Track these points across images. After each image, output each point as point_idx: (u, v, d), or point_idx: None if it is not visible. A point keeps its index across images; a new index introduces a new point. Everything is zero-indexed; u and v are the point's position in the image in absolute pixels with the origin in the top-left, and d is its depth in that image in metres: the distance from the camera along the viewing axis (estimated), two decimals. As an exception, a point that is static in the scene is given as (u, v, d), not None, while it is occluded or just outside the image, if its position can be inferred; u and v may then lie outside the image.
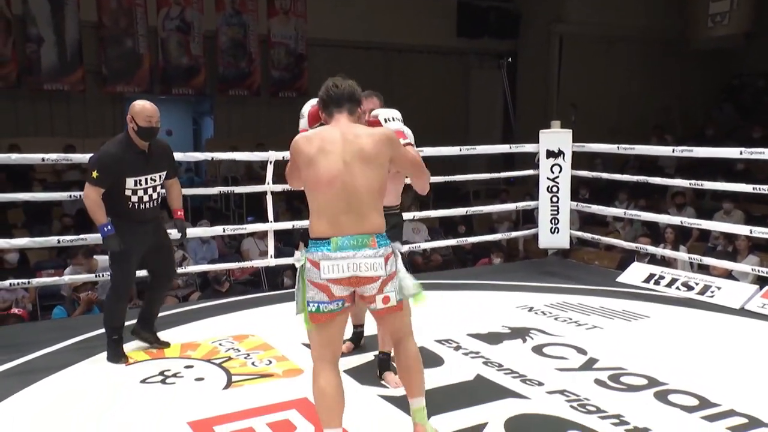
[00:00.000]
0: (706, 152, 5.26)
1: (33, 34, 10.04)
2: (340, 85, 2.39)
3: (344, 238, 2.24)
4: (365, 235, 2.25)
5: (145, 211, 3.38)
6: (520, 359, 3.44)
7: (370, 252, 2.24)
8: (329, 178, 2.25)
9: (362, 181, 2.26)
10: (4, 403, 2.96)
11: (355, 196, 2.26)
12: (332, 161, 2.26)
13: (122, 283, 3.45)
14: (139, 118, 3.29)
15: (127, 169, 3.29)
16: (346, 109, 2.38)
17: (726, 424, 2.73)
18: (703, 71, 13.55)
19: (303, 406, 2.86)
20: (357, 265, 2.23)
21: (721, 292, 4.61)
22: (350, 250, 2.23)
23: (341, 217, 2.25)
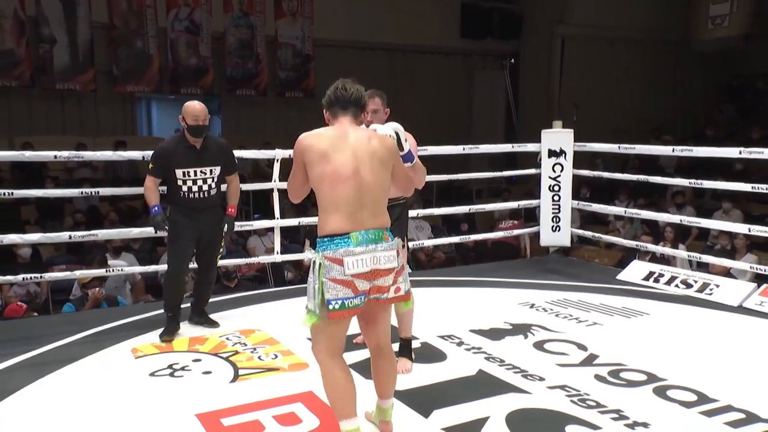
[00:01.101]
0: (706, 152, 5.24)
1: (46, 34, 10.07)
2: (349, 88, 2.43)
3: (363, 233, 2.26)
4: (380, 230, 2.31)
5: (196, 200, 3.65)
6: (521, 355, 3.43)
7: (386, 245, 2.30)
8: (348, 173, 2.27)
9: (376, 179, 2.32)
10: (18, 394, 2.98)
11: (371, 193, 2.31)
12: (348, 157, 2.29)
13: (172, 263, 3.72)
14: (188, 117, 3.58)
15: (175, 162, 3.58)
16: (350, 113, 2.42)
17: (724, 419, 2.73)
18: (703, 72, 13.50)
19: (308, 399, 2.87)
20: (377, 259, 2.27)
21: (720, 289, 4.60)
22: (370, 244, 2.26)
23: (359, 212, 2.28)
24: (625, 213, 6.25)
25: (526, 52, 13.40)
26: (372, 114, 3.04)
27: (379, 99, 3.08)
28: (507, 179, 10.58)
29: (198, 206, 3.67)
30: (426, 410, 2.76)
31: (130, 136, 10.58)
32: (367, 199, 2.29)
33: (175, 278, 3.74)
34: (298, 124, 11.21)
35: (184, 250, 3.71)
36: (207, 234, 3.74)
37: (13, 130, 9.88)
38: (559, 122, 5.74)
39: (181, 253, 3.70)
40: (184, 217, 3.65)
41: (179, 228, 3.66)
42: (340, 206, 2.27)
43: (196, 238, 3.71)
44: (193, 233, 3.68)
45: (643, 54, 13.20)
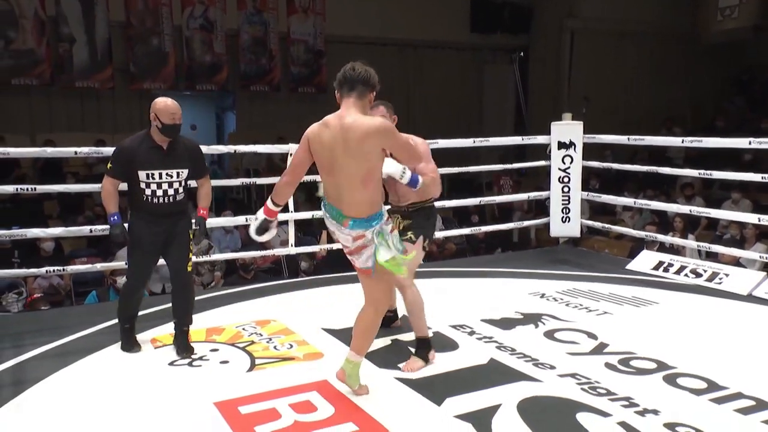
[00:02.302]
0: (715, 143, 5.18)
1: (65, 34, 10.13)
2: (357, 68, 2.60)
3: (332, 207, 2.65)
4: (343, 215, 2.62)
5: (160, 205, 3.27)
6: (532, 344, 3.42)
7: (341, 228, 2.65)
8: (327, 167, 2.62)
9: (345, 173, 2.56)
10: (44, 383, 3.02)
11: (342, 186, 2.59)
12: (327, 151, 2.59)
13: (133, 273, 3.38)
14: (163, 116, 3.20)
15: (138, 162, 3.22)
16: (356, 92, 2.58)
17: (733, 406, 2.70)
18: (712, 64, 13.31)
19: (323, 388, 2.88)
20: (333, 231, 2.72)
21: (729, 279, 4.55)
22: (331, 218, 2.67)
23: (333, 193, 2.65)
24: (634, 204, 6.20)
25: (536, 46, 13.29)
26: None
27: (384, 107, 3.08)
28: (517, 171, 10.52)
29: (162, 212, 3.27)
30: (439, 398, 2.77)
31: (147, 133, 10.62)
32: (344, 194, 2.60)
33: (134, 291, 3.40)
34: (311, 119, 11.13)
35: (145, 263, 3.36)
36: (174, 243, 3.33)
37: (35, 128, 9.97)
38: (569, 115, 5.69)
39: (141, 265, 3.35)
40: (147, 224, 3.27)
41: (140, 238, 3.28)
42: (326, 187, 2.69)
43: (159, 249, 3.33)
44: (155, 243, 3.30)
45: (652, 47, 13.04)
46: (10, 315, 4.84)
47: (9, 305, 5.34)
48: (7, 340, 3.63)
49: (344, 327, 3.65)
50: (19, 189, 4.50)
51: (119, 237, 3.29)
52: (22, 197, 7.94)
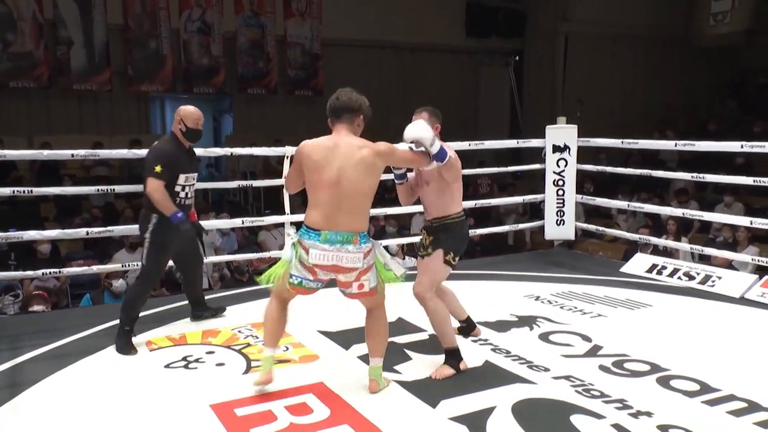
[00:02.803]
0: (708, 146, 5.19)
1: (63, 36, 10.11)
2: (341, 97, 2.68)
3: (333, 233, 2.58)
4: (351, 233, 2.59)
5: (186, 207, 3.49)
6: (527, 346, 3.42)
7: (352, 248, 2.60)
8: (331, 182, 2.59)
9: (357, 186, 2.59)
10: (39, 385, 3.01)
11: (348, 199, 2.59)
12: (334, 168, 2.59)
13: (154, 272, 3.50)
14: (188, 121, 3.45)
15: (180, 166, 3.41)
16: (345, 119, 2.68)
17: (726, 408, 2.71)
18: (705, 68, 13.37)
19: (319, 390, 2.87)
20: (340, 258, 2.60)
21: (722, 281, 4.56)
22: (336, 244, 2.58)
23: (335, 214, 2.59)
24: (628, 206, 6.21)
25: (531, 50, 13.32)
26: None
27: (427, 114, 3.03)
28: (512, 174, 10.54)
29: (187, 213, 3.47)
30: (433, 401, 2.76)
31: (145, 135, 10.61)
32: (345, 205, 2.59)
33: (148, 292, 3.50)
34: (308, 122, 11.29)
35: (165, 262, 3.52)
36: (189, 240, 3.54)
37: (32, 130, 9.94)
38: (563, 118, 5.70)
39: (163, 265, 3.51)
40: (174, 227, 3.37)
41: (171, 238, 3.38)
42: (320, 207, 2.61)
43: (177, 249, 3.51)
44: (179, 243, 3.46)
45: (646, 50, 13.09)
46: (6, 317, 4.82)
47: (5, 307, 5.32)
48: (4, 342, 3.61)
49: (340, 329, 3.65)
50: (16, 191, 4.48)
51: (191, 231, 3.48)
52: (19, 199, 7.91)
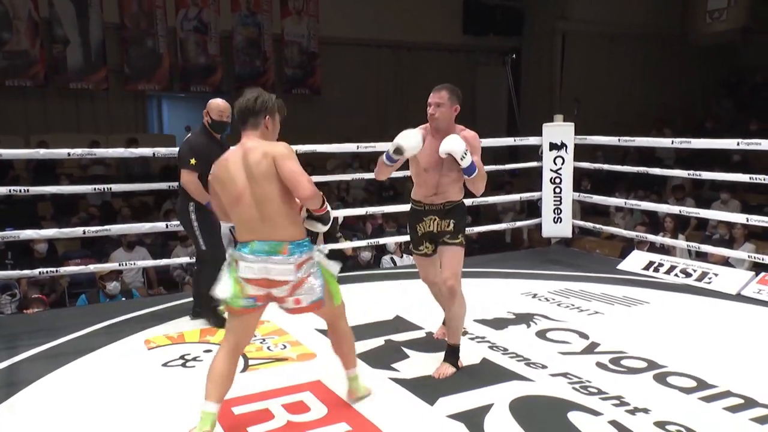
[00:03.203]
0: (705, 143, 5.20)
1: (59, 35, 10.07)
2: (240, 102, 2.42)
3: (259, 243, 2.34)
4: (278, 242, 2.33)
5: None
6: (524, 343, 3.43)
7: (281, 258, 2.32)
8: (239, 195, 2.35)
9: (266, 194, 2.32)
10: (36, 384, 3.00)
11: (265, 207, 2.33)
12: (238, 180, 2.35)
13: (218, 252, 3.58)
14: (213, 113, 3.56)
15: (213, 157, 3.38)
16: (249, 125, 2.41)
17: (723, 404, 2.71)
18: (702, 67, 13.38)
19: (317, 388, 2.87)
20: (268, 270, 2.33)
21: (719, 278, 4.57)
22: (263, 254, 2.33)
23: (258, 225, 2.35)
24: (625, 204, 6.22)
25: (528, 48, 13.31)
26: (434, 107, 2.90)
27: (446, 92, 2.91)
28: (509, 172, 10.53)
29: None
30: (431, 398, 2.76)
31: (142, 134, 10.60)
32: (264, 214, 2.34)
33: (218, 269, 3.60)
34: (305, 120, 11.28)
35: (220, 240, 3.72)
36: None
37: (29, 129, 9.91)
38: (560, 116, 5.70)
39: (220, 242, 3.70)
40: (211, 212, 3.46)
41: (215, 218, 3.44)
42: (241, 223, 2.40)
43: None
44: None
45: (642, 49, 13.09)
46: (3, 317, 4.81)
47: (2, 307, 5.31)
48: (1, 341, 3.60)
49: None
50: (13, 190, 4.46)
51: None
52: (16, 198, 7.89)
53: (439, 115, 2.91)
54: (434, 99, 2.92)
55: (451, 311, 3.04)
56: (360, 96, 11.90)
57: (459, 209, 3.06)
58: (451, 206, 3.04)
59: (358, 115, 11.65)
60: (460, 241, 3.01)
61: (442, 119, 2.92)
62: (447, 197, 3.02)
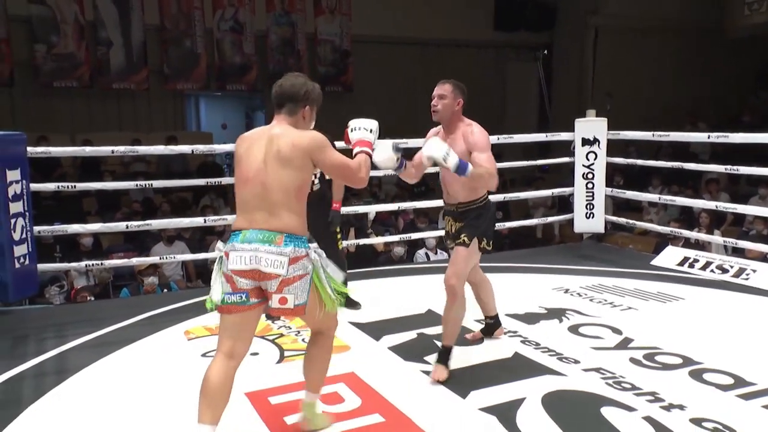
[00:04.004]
0: (742, 137, 5.02)
1: (103, 37, 10.31)
2: (284, 84, 2.29)
3: (253, 232, 2.16)
4: (273, 232, 2.15)
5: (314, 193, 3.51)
6: (556, 338, 3.38)
7: (274, 249, 2.13)
8: (248, 176, 2.20)
9: (277, 180, 2.17)
10: (84, 371, 3.09)
11: (270, 194, 2.18)
12: (253, 160, 2.20)
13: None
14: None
15: None
16: (285, 110, 2.28)
17: (762, 402, 2.63)
18: (736, 59, 12.95)
19: (350, 379, 2.88)
20: (258, 259, 2.13)
21: (757, 274, 4.43)
22: (256, 243, 2.14)
23: (255, 212, 2.18)
24: (659, 199, 6.07)
25: (559, 44, 13.09)
26: (437, 99, 2.86)
27: (450, 85, 2.87)
28: (539, 168, 10.40)
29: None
30: (464, 391, 2.75)
31: (180, 132, 10.78)
32: (267, 201, 2.18)
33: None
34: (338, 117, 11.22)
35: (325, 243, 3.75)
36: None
37: (75, 128, 10.18)
38: (593, 111, 5.60)
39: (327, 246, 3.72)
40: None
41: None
42: (242, 206, 2.23)
43: None
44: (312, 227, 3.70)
45: (676, 42, 12.74)
46: (52, 307, 4.96)
47: (51, 298, 5.47)
48: (50, 330, 3.72)
49: (370, 321, 3.66)
50: (60, 186, 4.60)
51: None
52: (63, 194, 8.10)
53: (441, 107, 2.86)
54: (438, 91, 2.89)
55: (449, 312, 2.92)
56: (391, 93, 11.88)
57: (474, 211, 2.94)
58: (465, 208, 2.95)
59: (389, 111, 11.61)
60: (462, 240, 2.90)
61: (444, 111, 2.87)
62: (457, 199, 2.95)
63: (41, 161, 6.70)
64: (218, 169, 10.06)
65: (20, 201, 3.78)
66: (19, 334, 3.68)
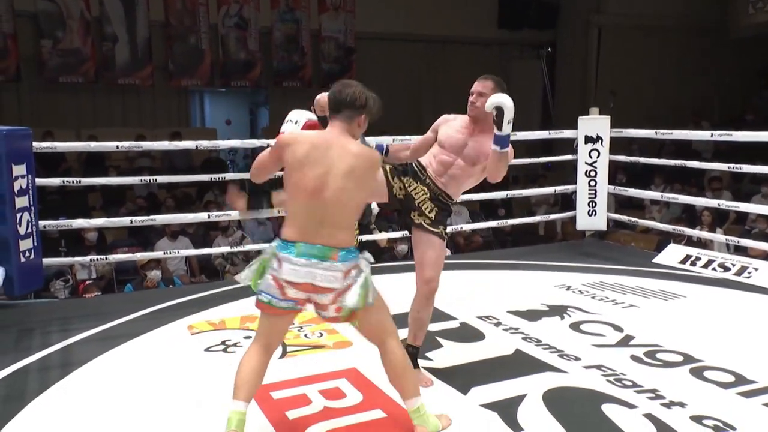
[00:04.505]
0: (745, 136, 5.01)
1: (108, 33, 10.33)
2: (345, 90, 2.26)
3: (307, 246, 2.15)
4: (329, 248, 2.15)
5: None
6: (557, 335, 3.37)
7: (329, 265, 2.15)
8: (312, 189, 2.16)
9: (343, 198, 2.16)
10: (89, 365, 3.09)
11: (332, 211, 2.16)
12: (319, 173, 2.16)
13: None
14: (317, 108, 3.31)
15: None
16: (343, 117, 2.25)
17: (762, 400, 2.62)
18: (740, 58, 12.89)
19: (352, 375, 2.88)
20: (313, 275, 2.14)
21: (759, 272, 4.41)
22: (312, 258, 2.14)
23: (310, 225, 2.16)
24: (661, 197, 6.06)
25: (563, 42, 13.05)
26: (477, 95, 2.81)
27: (492, 83, 2.81)
28: (543, 165, 10.37)
29: None
30: (465, 388, 2.75)
31: (185, 128, 10.79)
32: (327, 217, 2.16)
33: None
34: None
35: None
36: None
37: (80, 123, 10.20)
38: (596, 109, 5.58)
39: None
40: None
41: None
42: (297, 217, 2.20)
43: None
44: None
45: (679, 41, 12.69)
46: (57, 301, 4.98)
47: (56, 292, 5.49)
48: (55, 324, 3.73)
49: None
50: (65, 181, 4.61)
51: None
52: (68, 189, 8.14)
53: (480, 104, 2.81)
54: (478, 88, 2.83)
55: (425, 312, 2.81)
56: (395, 90, 11.85)
57: (447, 211, 2.86)
58: (445, 202, 2.85)
59: (393, 108, 11.55)
60: (440, 232, 2.79)
61: (483, 109, 2.82)
62: (447, 188, 2.83)
63: (46, 156, 6.71)
64: (222, 165, 10.06)
65: (26, 196, 3.78)
66: (25, 328, 3.70)
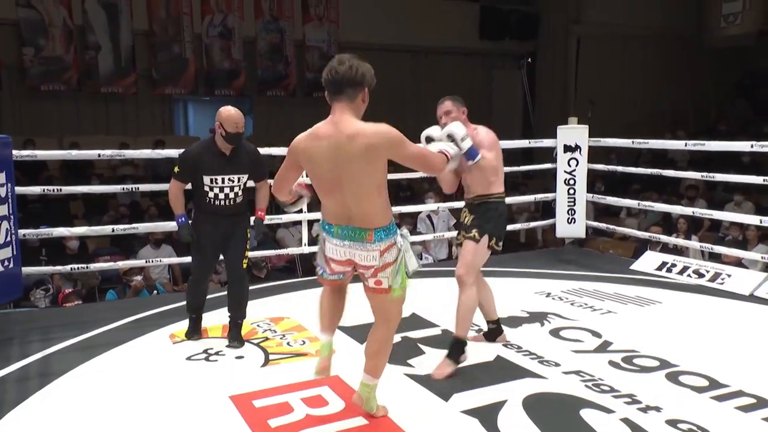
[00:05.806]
0: (718, 146, 5.11)
1: (92, 41, 10.24)
2: (340, 69, 2.20)
3: (342, 228, 2.27)
4: (363, 230, 2.24)
5: (222, 207, 3.38)
6: (537, 341, 3.40)
7: (365, 245, 2.25)
8: (330, 181, 2.24)
9: (358, 180, 2.20)
10: (69, 374, 3.06)
11: (354, 196, 2.22)
12: (328, 164, 2.21)
13: (195, 269, 3.53)
14: (227, 125, 3.29)
15: (203, 168, 3.34)
16: (345, 96, 2.21)
17: (734, 404, 2.67)
18: (715, 68, 13.18)
19: (335, 383, 2.87)
20: (352, 254, 2.30)
21: (732, 279, 4.49)
22: (347, 240, 2.27)
23: (339, 210, 2.27)
24: (638, 205, 6.14)
25: (543, 52, 13.23)
26: (445, 116, 2.98)
27: (449, 102, 3.01)
28: (524, 174, 10.45)
29: (223, 213, 3.39)
30: (446, 394, 2.76)
31: (169, 136, 10.72)
32: (353, 204, 2.23)
33: (198, 285, 3.51)
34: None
35: (209, 260, 3.49)
36: (232, 241, 3.43)
37: (62, 131, 10.09)
38: (575, 118, 5.65)
39: (205, 263, 3.48)
40: (209, 224, 3.39)
41: (204, 236, 3.39)
42: (328, 207, 2.32)
43: (219, 246, 3.44)
44: (218, 241, 3.41)
45: (656, 51, 12.94)
46: (37, 310, 4.90)
47: (37, 301, 5.40)
48: (35, 333, 3.67)
49: (356, 324, 3.64)
50: (47, 190, 4.55)
51: (187, 237, 3.43)
52: (49, 198, 8.02)
53: (449, 120, 2.98)
54: (441, 111, 3.02)
55: (458, 303, 3.03)
56: (380, 99, 11.90)
57: (485, 206, 3.08)
58: (480, 201, 3.10)
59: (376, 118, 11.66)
60: (473, 235, 3.05)
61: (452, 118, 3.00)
62: (476, 191, 3.09)
63: (28, 164, 6.62)
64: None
65: (5, 204, 3.73)
66: (4, 338, 3.63)
